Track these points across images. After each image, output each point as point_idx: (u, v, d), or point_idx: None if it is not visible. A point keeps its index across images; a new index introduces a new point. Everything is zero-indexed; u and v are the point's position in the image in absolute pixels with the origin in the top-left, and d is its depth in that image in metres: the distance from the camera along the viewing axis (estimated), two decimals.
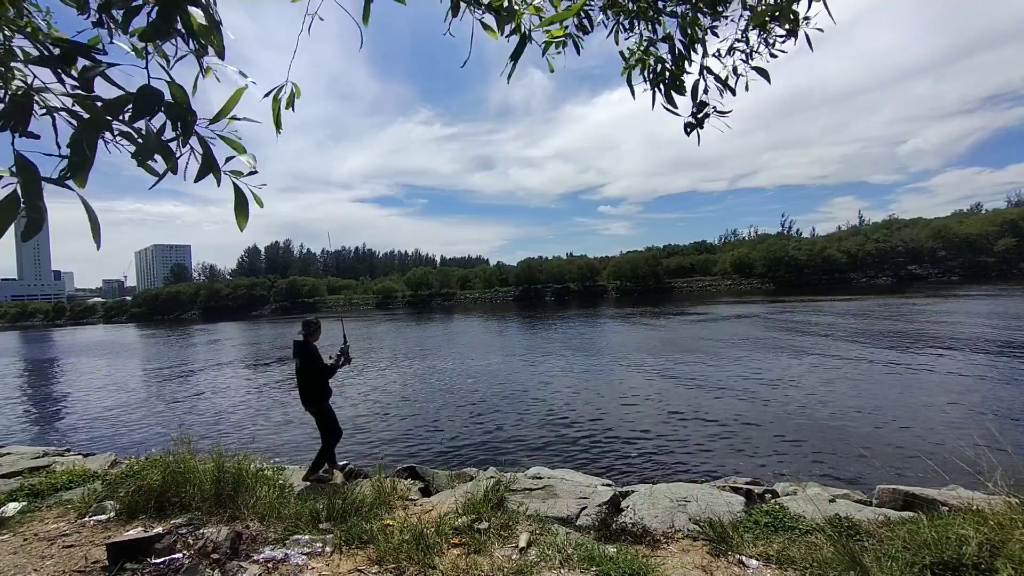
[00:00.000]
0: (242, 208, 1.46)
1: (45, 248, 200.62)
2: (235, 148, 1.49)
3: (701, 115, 2.39)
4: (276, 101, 1.75)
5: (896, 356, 13.37)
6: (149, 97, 1.23)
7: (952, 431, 7.36)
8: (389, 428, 9.37)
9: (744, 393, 10.46)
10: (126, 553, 2.82)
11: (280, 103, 1.75)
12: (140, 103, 1.22)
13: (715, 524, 3.25)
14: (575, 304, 53.78)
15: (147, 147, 1.29)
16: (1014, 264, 51.67)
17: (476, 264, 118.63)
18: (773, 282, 60.49)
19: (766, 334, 19.63)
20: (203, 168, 1.38)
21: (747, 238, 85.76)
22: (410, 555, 2.85)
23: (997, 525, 2.45)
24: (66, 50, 1.29)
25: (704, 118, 2.39)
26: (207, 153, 1.38)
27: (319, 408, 5.01)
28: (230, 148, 1.48)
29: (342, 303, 79.05)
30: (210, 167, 1.39)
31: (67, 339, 46.30)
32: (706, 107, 2.38)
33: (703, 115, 2.39)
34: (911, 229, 61.47)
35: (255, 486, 3.88)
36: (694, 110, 2.39)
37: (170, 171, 1.36)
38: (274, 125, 1.76)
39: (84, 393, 15.48)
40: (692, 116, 2.40)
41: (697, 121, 2.40)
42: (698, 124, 2.41)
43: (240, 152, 1.49)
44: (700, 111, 2.38)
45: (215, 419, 10.93)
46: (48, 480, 4.67)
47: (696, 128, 2.42)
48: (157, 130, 1.31)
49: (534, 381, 13.09)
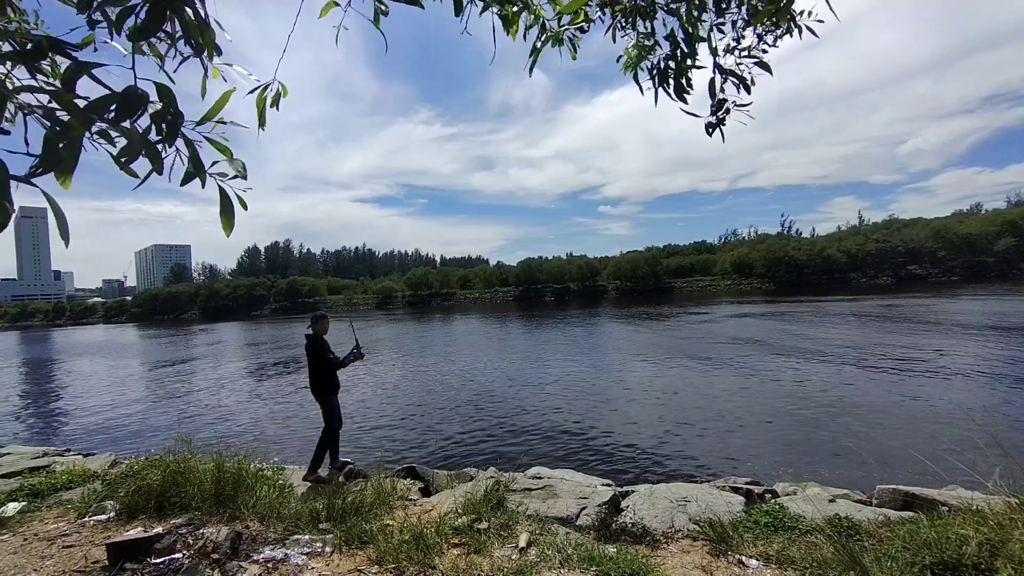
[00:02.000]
0: (227, 211, 1.44)
1: (45, 248, 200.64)
2: (221, 151, 1.48)
3: (722, 112, 2.36)
4: (261, 99, 1.74)
5: (896, 356, 13.36)
6: (133, 98, 1.23)
7: (952, 431, 7.36)
8: (389, 428, 9.37)
9: (744, 393, 10.46)
10: (126, 553, 2.81)
11: (265, 101, 1.75)
12: (124, 104, 1.22)
13: (715, 524, 3.25)
14: (575, 304, 53.78)
15: (133, 148, 1.29)
16: (1014, 264, 51.67)
17: (476, 264, 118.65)
18: (773, 282, 60.51)
19: (766, 334, 19.63)
20: (190, 171, 1.37)
21: (747, 238, 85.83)
22: (410, 555, 2.85)
23: (997, 525, 2.45)
24: (37, 46, 1.28)
25: (725, 115, 2.37)
26: (193, 155, 1.37)
27: (326, 401, 5.21)
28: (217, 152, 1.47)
29: (342, 303, 79.04)
30: (196, 169, 1.37)
31: (67, 339, 46.30)
32: (725, 104, 2.35)
33: (724, 112, 2.36)
34: (911, 229, 61.48)
35: (255, 486, 3.87)
36: (714, 108, 2.36)
37: (155, 172, 1.34)
38: (258, 122, 1.75)
39: (84, 393, 15.48)
40: (712, 115, 2.38)
41: (719, 120, 2.38)
42: (720, 123, 2.39)
43: (226, 155, 1.48)
44: (719, 108, 2.36)
45: (215, 419, 10.93)
46: (48, 480, 4.66)
47: (718, 127, 2.40)
48: (143, 131, 1.30)
49: (534, 381, 13.09)
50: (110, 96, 1.22)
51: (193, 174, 1.38)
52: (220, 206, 1.43)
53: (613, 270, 71.09)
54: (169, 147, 1.35)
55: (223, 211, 1.44)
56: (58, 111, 1.23)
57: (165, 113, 1.29)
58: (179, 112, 1.32)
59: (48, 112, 1.24)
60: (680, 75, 2.22)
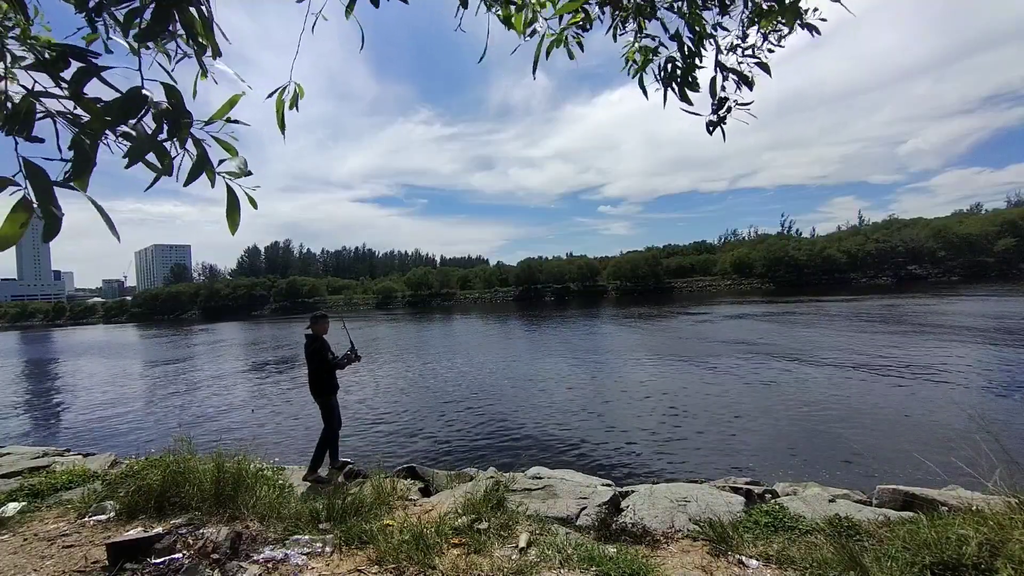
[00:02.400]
0: (234, 210, 1.45)
1: (45, 248, 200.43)
2: (228, 151, 1.49)
3: (723, 111, 2.36)
4: (280, 102, 1.72)
5: (896, 356, 13.36)
6: (134, 100, 1.23)
7: (952, 431, 7.36)
8: (389, 428, 9.36)
9: (744, 393, 10.46)
10: (126, 553, 2.82)
11: (284, 104, 1.73)
12: (124, 106, 1.23)
13: (715, 524, 3.25)
14: (575, 304, 53.77)
15: (140, 147, 1.29)
16: (1014, 264, 51.63)
17: (476, 264, 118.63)
18: (773, 282, 60.48)
19: (766, 335, 19.63)
20: (195, 169, 1.37)
21: (747, 238, 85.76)
22: (410, 555, 2.85)
23: (997, 525, 2.45)
24: (61, 53, 1.29)
25: (727, 113, 2.37)
26: (202, 154, 1.38)
27: (325, 401, 5.23)
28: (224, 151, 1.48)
29: (342, 303, 79.04)
30: (203, 168, 1.38)
31: (67, 339, 46.29)
32: (726, 102, 2.35)
33: (725, 110, 2.36)
34: (911, 229, 61.43)
35: (255, 486, 3.87)
36: (715, 106, 2.36)
37: (165, 173, 1.35)
38: (278, 126, 1.74)
39: (84, 393, 15.47)
40: (714, 113, 2.37)
41: (720, 119, 2.38)
42: (721, 121, 2.39)
43: (232, 155, 1.49)
44: (721, 107, 2.35)
45: (215, 419, 10.93)
46: (48, 480, 4.66)
47: (719, 125, 2.40)
48: (153, 131, 1.31)
49: (534, 381, 13.09)
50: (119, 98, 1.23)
51: (196, 173, 1.38)
52: (227, 205, 1.43)
53: (613, 270, 71.06)
54: (181, 147, 1.35)
55: (230, 210, 1.44)
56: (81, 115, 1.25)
57: (175, 113, 1.29)
58: (187, 112, 1.32)
59: (74, 118, 1.26)
60: (688, 74, 2.21)
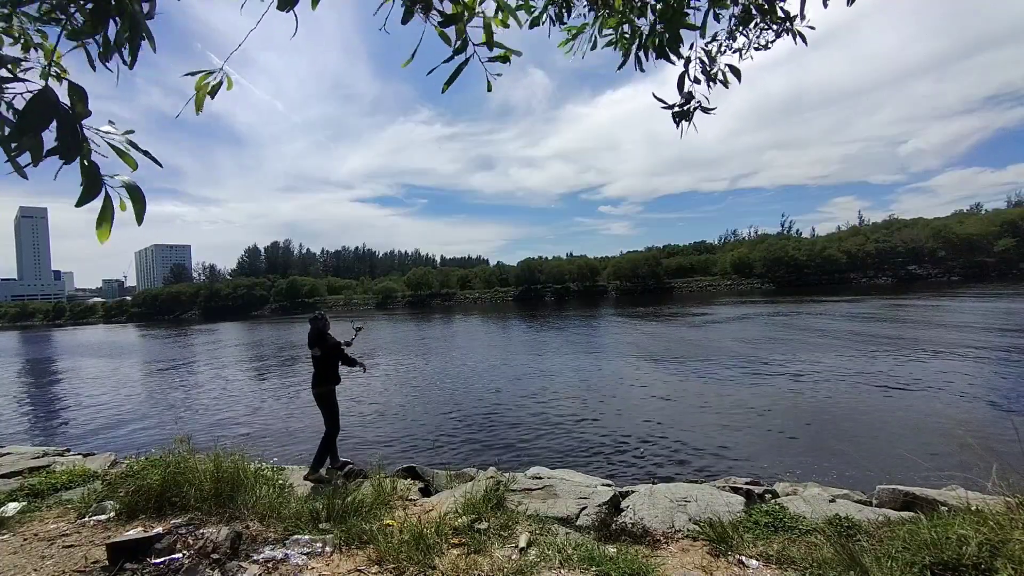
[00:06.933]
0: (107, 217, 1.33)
1: (45, 248, 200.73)
2: (126, 161, 1.40)
3: (688, 107, 2.40)
4: (203, 86, 1.71)
5: (896, 356, 13.36)
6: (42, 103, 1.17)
7: (952, 432, 7.35)
8: (389, 428, 9.36)
9: (744, 393, 10.46)
10: (126, 553, 2.82)
11: (207, 87, 1.71)
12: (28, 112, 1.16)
13: (715, 524, 3.25)
14: (575, 304, 53.76)
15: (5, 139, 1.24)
16: (1014, 264, 51.63)
17: (476, 264, 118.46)
18: (773, 282, 60.47)
19: (766, 334, 19.63)
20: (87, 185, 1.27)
21: (747, 238, 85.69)
22: (410, 555, 2.85)
23: (997, 525, 2.45)
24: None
25: (692, 110, 2.41)
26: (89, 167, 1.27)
27: (329, 396, 5.16)
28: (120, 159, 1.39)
29: (342, 303, 79.02)
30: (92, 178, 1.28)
31: (67, 339, 46.29)
32: (692, 99, 2.39)
33: (690, 107, 2.40)
34: (911, 229, 61.41)
35: (255, 486, 3.88)
36: (681, 101, 2.41)
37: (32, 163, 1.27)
38: (195, 107, 1.71)
39: (84, 393, 15.47)
40: (680, 107, 2.42)
41: (684, 112, 2.42)
42: (685, 116, 2.42)
43: (131, 166, 1.41)
44: (687, 102, 2.40)
45: (215, 419, 10.93)
46: (48, 480, 4.67)
47: (684, 119, 2.43)
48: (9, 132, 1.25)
49: (534, 381, 13.09)
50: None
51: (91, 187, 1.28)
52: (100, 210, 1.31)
53: (613, 270, 71.03)
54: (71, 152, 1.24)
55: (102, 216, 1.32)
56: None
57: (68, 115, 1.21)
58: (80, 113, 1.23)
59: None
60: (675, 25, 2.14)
